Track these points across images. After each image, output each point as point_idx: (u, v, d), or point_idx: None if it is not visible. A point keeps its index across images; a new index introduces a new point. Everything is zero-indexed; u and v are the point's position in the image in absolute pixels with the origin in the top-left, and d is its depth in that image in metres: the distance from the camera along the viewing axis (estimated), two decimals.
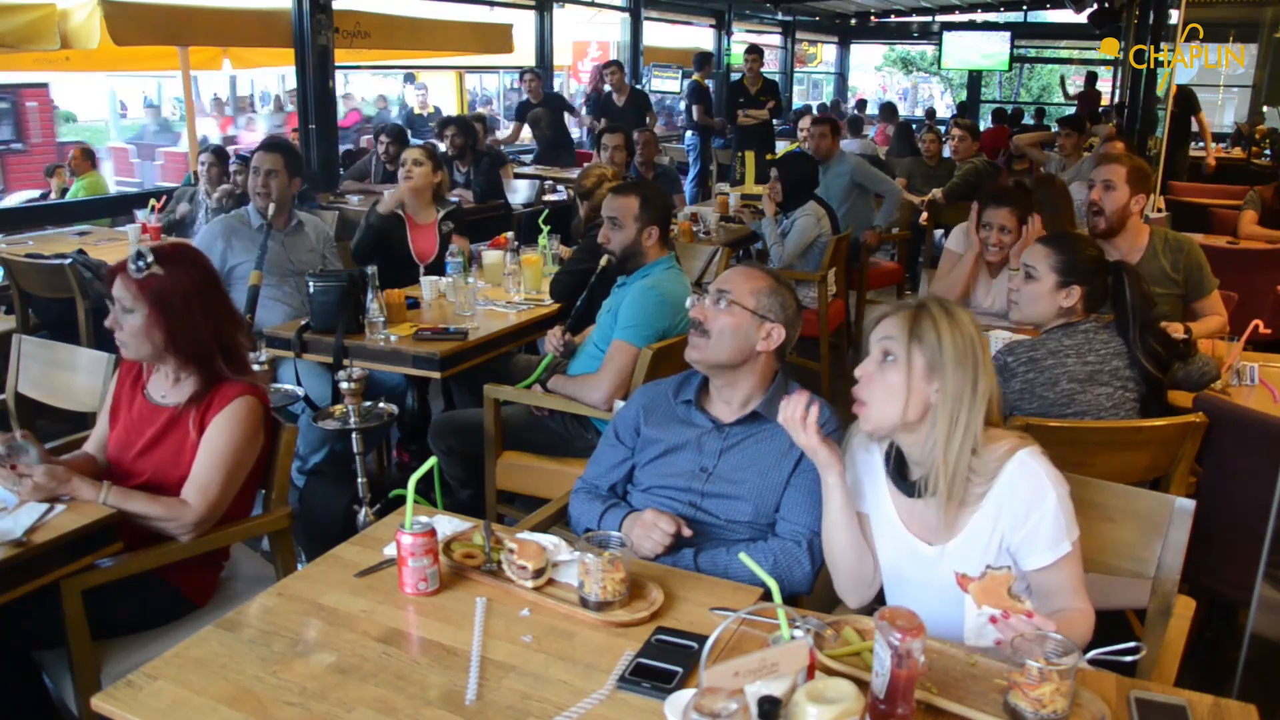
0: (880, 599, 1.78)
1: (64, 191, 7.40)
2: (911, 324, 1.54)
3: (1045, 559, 1.52)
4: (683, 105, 13.44)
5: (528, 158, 8.36)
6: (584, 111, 9.05)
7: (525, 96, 8.30)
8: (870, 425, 1.58)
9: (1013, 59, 15.47)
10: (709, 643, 1.23)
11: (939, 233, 6.36)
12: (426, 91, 11.03)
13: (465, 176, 6.26)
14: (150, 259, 1.97)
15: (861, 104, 15.43)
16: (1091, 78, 12.90)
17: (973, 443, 1.51)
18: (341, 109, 12.67)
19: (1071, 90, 12.86)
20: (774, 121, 8.58)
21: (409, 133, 6.93)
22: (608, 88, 8.26)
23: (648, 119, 7.97)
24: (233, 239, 3.58)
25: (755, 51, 8.63)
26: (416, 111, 10.30)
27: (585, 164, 5.57)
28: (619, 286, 2.95)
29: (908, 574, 1.65)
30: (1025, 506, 1.52)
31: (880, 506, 1.67)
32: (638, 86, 9.46)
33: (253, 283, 3.26)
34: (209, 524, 2.00)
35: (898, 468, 1.63)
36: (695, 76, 9.38)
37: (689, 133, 9.57)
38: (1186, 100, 7.67)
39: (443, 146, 6.15)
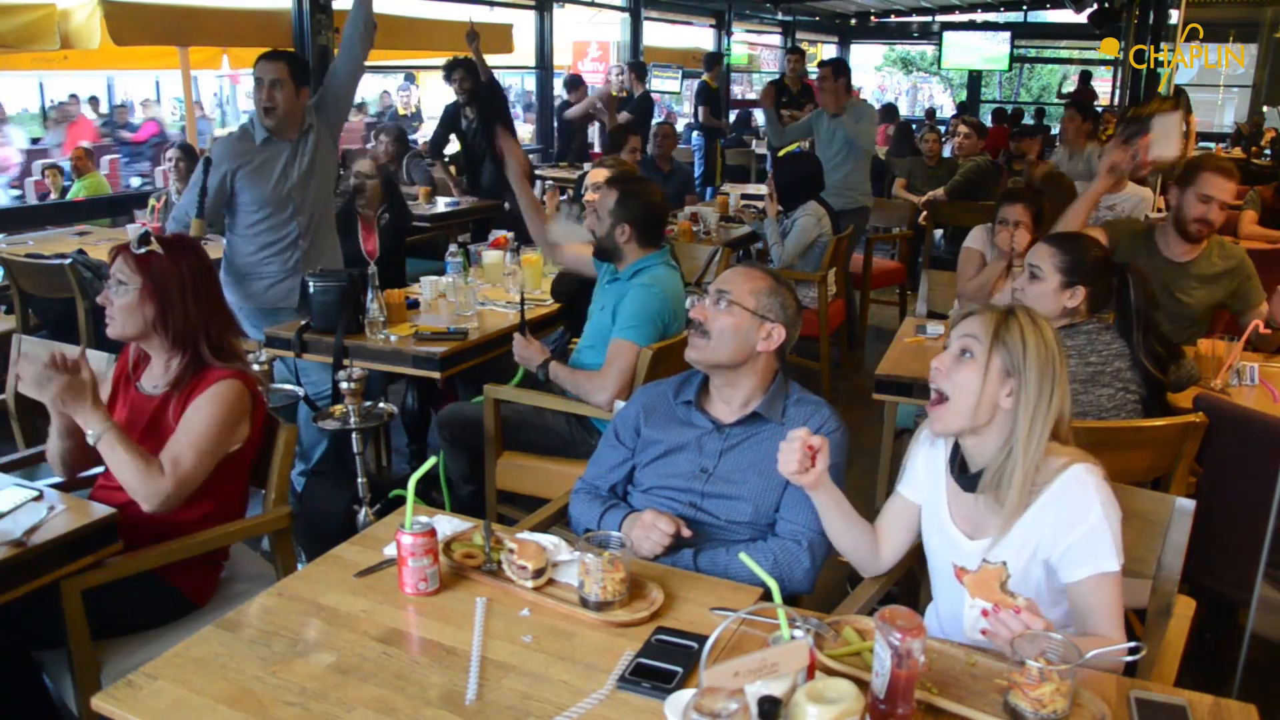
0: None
1: (63, 191, 7.39)
2: (998, 326, 1.54)
3: (1079, 574, 1.51)
4: (682, 106, 13.43)
5: (530, 157, 8.37)
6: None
7: (567, 98, 8.28)
8: (942, 425, 1.59)
9: (1013, 59, 15.47)
10: (709, 643, 1.23)
11: (939, 232, 6.37)
12: (411, 91, 10.78)
13: (469, 125, 6.31)
14: (152, 240, 2.03)
15: None
16: (1085, 76, 12.87)
17: (1041, 453, 1.52)
18: (138, 116, 10.89)
19: (1066, 89, 12.86)
20: None
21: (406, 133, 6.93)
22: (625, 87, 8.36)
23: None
24: (233, 158, 3.41)
25: (797, 53, 8.82)
26: (401, 111, 10.16)
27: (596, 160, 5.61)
28: (610, 283, 2.94)
29: (948, 565, 1.66)
30: (1069, 520, 1.51)
31: (935, 498, 1.69)
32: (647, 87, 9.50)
33: (193, 233, 3.13)
34: (176, 500, 1.96)
35: (959, 462, 1.64)
36: (705, 78, 9.36)
37: (694, 133, 9.59)
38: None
39: (452, 90, 6.22)
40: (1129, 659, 1.36)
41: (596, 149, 8.55)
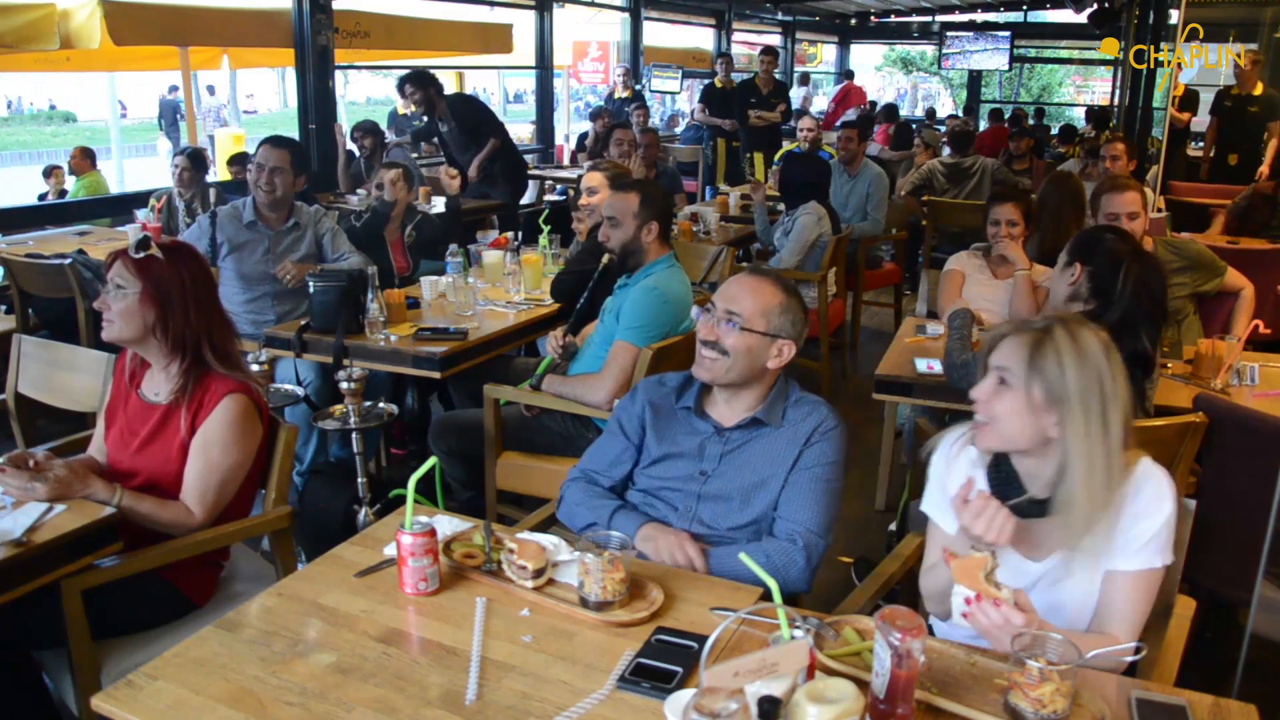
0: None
1: (61, 193, 7.37)
2: (1031, 352, 1.46)
3: (1130, 565, 1.48)
4: (681, 107, 13.40)
5: (529, 157, 8.36)
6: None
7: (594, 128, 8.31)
8: (985, 444, 1.53)
9: (1013, 59, 15.46)
10: (709, 643, 1.23)
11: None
12: None
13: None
14: (151, 244, 2.03)
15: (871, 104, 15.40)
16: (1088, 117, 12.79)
17: (1113, 474, 1.44)
18: None
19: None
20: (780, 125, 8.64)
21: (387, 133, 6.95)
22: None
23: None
24: (218, 233, 3.52)
25: (770, 53, 8.69)
26: (400, 111, 10.09)
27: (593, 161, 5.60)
28: (620, 287, 2.95)
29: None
30: (1145, 513, 1.48)
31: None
32: (636, 88, 9.48)
33: None
34: (209, 523, 2.03)
35: (1002, 486, 1.55)
36: (757, 81, 9.17)
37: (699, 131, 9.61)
38: (1273, 106, 7.17)
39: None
40: (1129, 659, 1.36)
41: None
